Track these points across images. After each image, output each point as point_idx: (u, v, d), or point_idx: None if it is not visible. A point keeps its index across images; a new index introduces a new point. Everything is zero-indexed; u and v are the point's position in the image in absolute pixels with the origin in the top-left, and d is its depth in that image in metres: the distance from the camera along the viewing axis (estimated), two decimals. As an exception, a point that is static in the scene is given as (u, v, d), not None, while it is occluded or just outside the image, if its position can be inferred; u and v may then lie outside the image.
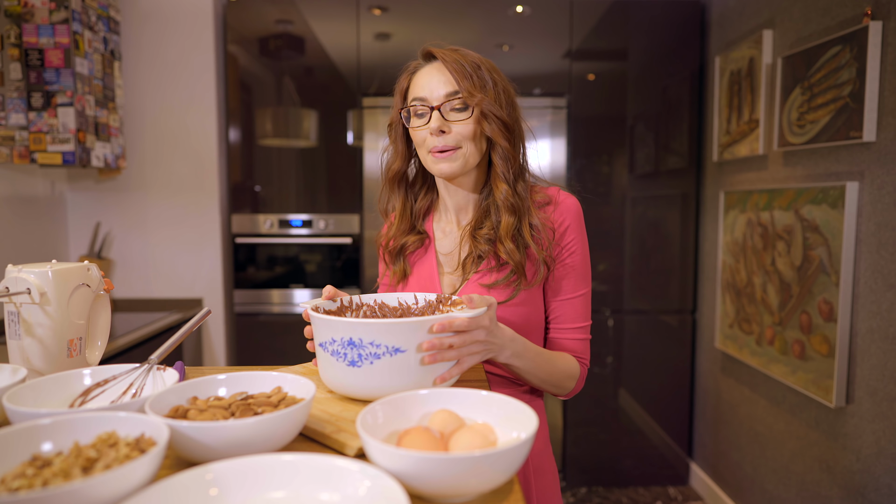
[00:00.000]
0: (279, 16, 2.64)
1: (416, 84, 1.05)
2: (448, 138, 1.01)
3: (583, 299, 1.07)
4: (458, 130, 1.01)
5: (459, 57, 1.02)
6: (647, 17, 2.68)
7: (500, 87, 1.04)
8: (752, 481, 2.36)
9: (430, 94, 1.02)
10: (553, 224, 1.04)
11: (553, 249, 1.04)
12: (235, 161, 2.71)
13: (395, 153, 1.13)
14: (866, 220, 1.73)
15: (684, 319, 2.81)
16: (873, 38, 1.66)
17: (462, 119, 1.01)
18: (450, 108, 1.01)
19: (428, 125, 1.02)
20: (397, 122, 1.10)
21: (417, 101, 1.03)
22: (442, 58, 1.02)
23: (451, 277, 1.10)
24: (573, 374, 1.04)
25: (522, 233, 1.02)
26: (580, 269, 1.06)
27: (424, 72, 1.05)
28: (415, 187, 1.16)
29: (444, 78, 1.02)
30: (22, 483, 0.52)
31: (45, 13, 2.12)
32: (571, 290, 1.06)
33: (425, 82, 1.03)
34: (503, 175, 1.04)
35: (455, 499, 0.58)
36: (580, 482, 2.82)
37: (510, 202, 1.03)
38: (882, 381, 1.67)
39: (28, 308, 0.85)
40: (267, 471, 0.55)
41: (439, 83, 1.02)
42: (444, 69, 1.02)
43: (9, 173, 2.28)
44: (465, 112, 1.02)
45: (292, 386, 0.73)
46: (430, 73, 1.03)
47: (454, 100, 1.01)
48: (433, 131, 1.01)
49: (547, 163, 2.71)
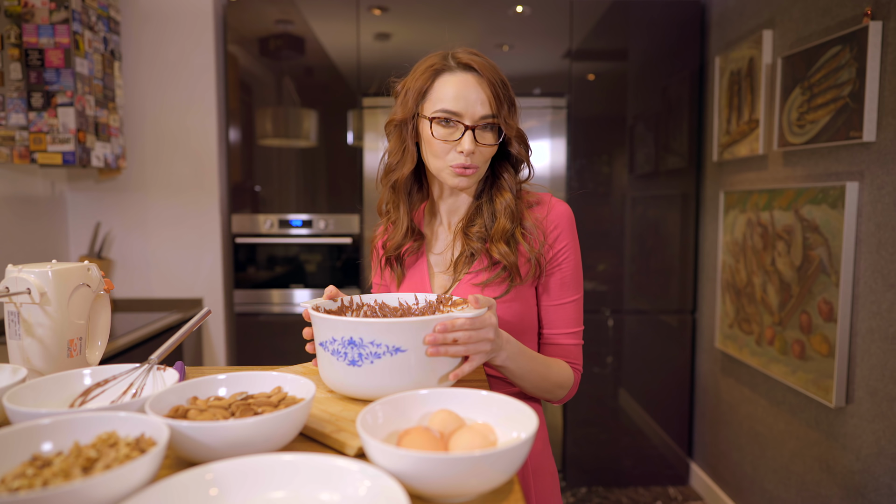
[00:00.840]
0: (279, 16, 2.64)
1: (445, 91, 0.99)
2: (474, 158, 1.00)
3: (575, 305, 1.07)
4: (483, 151, 1.01)
5: (492, 71, 1.00)
6: (647, 17, 2.68)
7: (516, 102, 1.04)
8: (752, 481, 2.36)
9: (466, 110, 0.98)
10: (545, 227, 1.04)
11: (546, 253, 1.04)
12: (235, 161, 2.71)
13: (403, 156, 1.05)
14: (866, 220, 1.73)
15: (684, 319, 2.81)
16: (873, 38, 1.66)
17: (491, 144, 1.01)
18: (482, 129, 1.00)
19: (459, 142, 0.98)
20: (405, 121, 1.03)
21: (448, 113, 0.98)
22: (483, 72, 0.99)
23: (443, 277, 1.09)
24: (566, 381, 1.03)
25: (515, 235, 1.03)
26: (572, 274, 1.06)
27: (457, 81, 0.99)
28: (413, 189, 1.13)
29: (481, 97, 0.98)
30: (22, 483, 0.52)
31: (45, 13, 2.12)
32: (563, 295, 1.06)
33: (460, 94, 0.98)
34: (509, 186, 1.05)
35: (455, 499, 0.58)
36: (580, 482, 2.82)
37: (511, 210, 1.03)
38: (882, 381, 1.67)
39: (28, 308, 0.85)
40: (267, 471, 0.55)
41: (477, 102, 0.98)
42: (480, 87, 0.99)
43: (9, 173, 2.28)
44: (494, 135, 1.01)
45: (292, 386, 0.73)
46: (466, 86, 0.98)
47: (488, 122, 0.99)
48: (466, 152, 0.98)
49: (547, 163, 2.71)
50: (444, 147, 1.00)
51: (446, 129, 0.99)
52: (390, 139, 1.08)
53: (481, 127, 0.99)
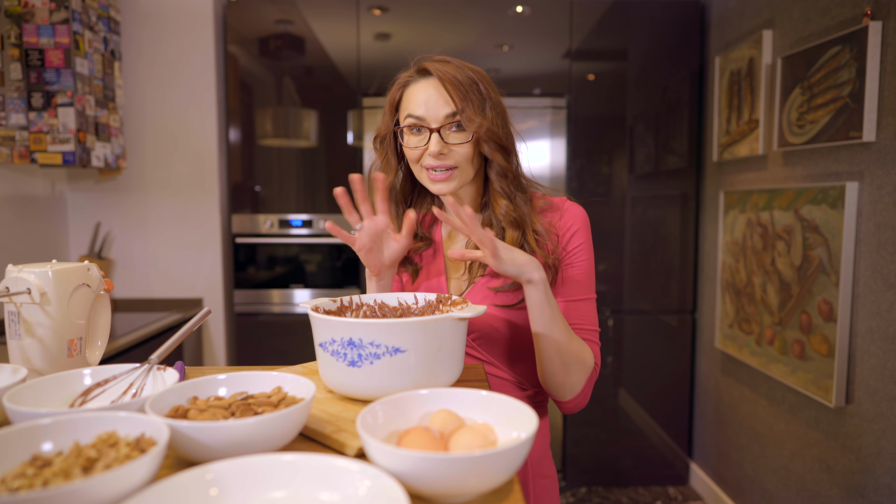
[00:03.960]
0: (279, 16, 2.64)
1: (410, 100, 1.02)
2: (446, 159, 1.00)
3: (589, 303, 1.05)
4: (457, 151, 1.00)
5: (455, 72, 0.99)
6: (647, 17, 2.68)
7: (495, 102, 1.02)
8: (752, 481, 2.36)
9: (428, 113, 0.99)
10: (558, 230, 1.03)
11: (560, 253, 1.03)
12: (235, 161, 2.71)
13: (385, 167, 1.09)
14: (866, 220, 1.73)
15: (684, 319, 2.81)
16: (873, 39, 1.66)
17: (461, 142, 1.00)
18: (448, 129, 1.00)
19: (426, 147, 1.00)
20: (387, 135, 1.07)
21: (414, 118, 1.00)
22: (438, 75, 0.99)
23: (459, 282, 1.09)
24: (586, 363, 0.99)
25: (528, 241, 1.02)
26: (586, 273, 1.05)
27: (419, 88, 1.01)
28: (409, 196, 1.15)
29: (442, 97, 0.99)
30: (22, 483, 0.52)
31: (46, 13, 2.12)
32: (578, 292, 1.04)
33: (421, 100, 1.00)
34: (502, 191, 1.03)
35: (455, 499, 0.58)
36: (580, 482, 2.82)
37: (511, 217, 1.02)
38: (882, 381, 1.67)
39: (28, 308, 0.85)
40: (267, 471, 0.55)
41: (437, 103, 0.99)
42: (440, 87, 0.99)
43: (9, 173, 2.28)
44: (464, 133, 1.00)
45: (292, 386, 0.73)
46: (427, 90, 1.00)
47: (453, 121, 0.99)
48: (433, 154, 0.99)
49: (547, 163, 2.71)
50: (416, 154, 1.02)
51: (417, 136, 1.02)
52: (376, 153, 1.11)
53: (448, 127, 0.99)
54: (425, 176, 1.03)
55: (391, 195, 1.11)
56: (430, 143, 0.99)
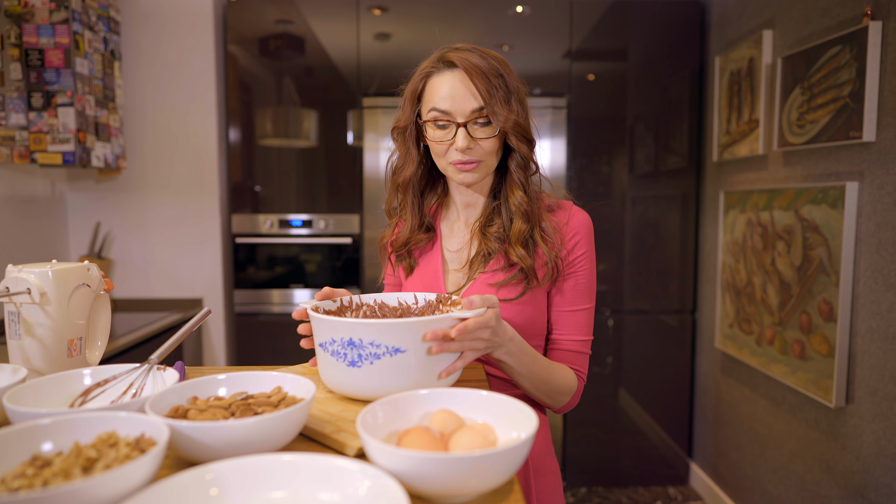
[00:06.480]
0: (279, 16, 2.64)
1: (434, 92, 1.00)
2: (473, 153, 1.00)
3: (586, 314, 1.06)
4: (483, 145, 1.00)
5: (481, 63, 0.98)
6: (647, 17, 2.68)
7: (519, 92, 1.02)
8: (752, 481, 2.36)
9: (455, 108, 0.98)
10: (564, 234, 1.04)
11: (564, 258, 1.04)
12: (235, 161, 2.71)
13: (406, 159, 1.09)
14: (866, 220, 1.73)
15: (684, 319, 2.81)
16: (873, 38, 1.66)
17: (488, 136, 1.00)
18: (475, 123, 0.99)
19: (453, 141, 0.99)
20: (408, 126, 1.06)
21: (439, 112, 0.99)
22: (464, 66, 0.98)
23: (457, 275, 1.09)
24: (569, 387, 1.02)
25: (534, 236, 1.02)
26: (587, 282, 1.05)
27: (445, 80, 0.99)
28: (424, 188, 1.15)
29: (469, 91, 0.97)
30: (22, 483, 0.52)
31: (45, 13, 2.12)
32: (577, 301, 1.05)
33: (447, 93, 0.98)
34: (520, 182, 1.03)
35: (455, 499, 0.58)
36: (580, 482, 2.82)
37: (524, 209, 1.02)
38: (882, 381, 1.67)
39: (28, 308, 0.85)
40: (267, 471, 0.55)
41: (465, 98, 0.97)
42: (466, 79, 0.98)
43: (9, 173, 2.28)
44: (491, 128, 0.99)
45: (292, 386, 0.73)
46: (453, 83, 0.98)
47: (480, 116, 0.98)
48: (460, 149, 0.98)
49: (547, 163, 2.71)
50: (442, 149, 1.01)
51: (442, 130, 1.01)
52: (396, 144, 1.11)
53: (475, 121, 0.99)
54: (451, 168, 1.02)
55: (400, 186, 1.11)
56: (456, 139, 0.99)
